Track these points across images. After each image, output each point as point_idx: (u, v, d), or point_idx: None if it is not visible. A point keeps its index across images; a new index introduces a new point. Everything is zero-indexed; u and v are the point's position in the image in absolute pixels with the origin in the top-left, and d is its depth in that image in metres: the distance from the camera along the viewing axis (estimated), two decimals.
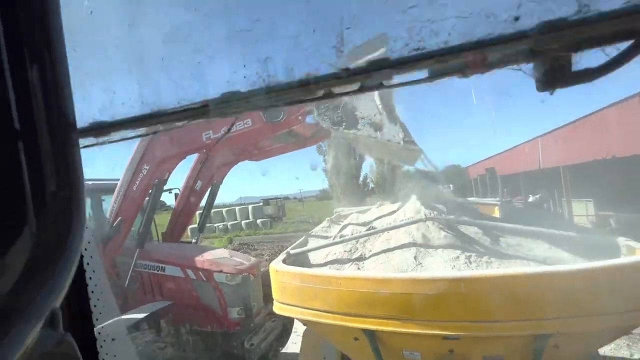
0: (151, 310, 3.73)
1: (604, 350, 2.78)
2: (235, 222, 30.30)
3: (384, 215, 3.38)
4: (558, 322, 1.78)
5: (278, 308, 2.50)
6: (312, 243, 3.39)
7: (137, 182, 4.22)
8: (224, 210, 31.99)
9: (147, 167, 4.19)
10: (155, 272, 4.35)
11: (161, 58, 0.76)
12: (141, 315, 3.56)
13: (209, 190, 5.31)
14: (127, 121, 0.76)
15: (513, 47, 0.53)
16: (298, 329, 6.32)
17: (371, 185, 35.36)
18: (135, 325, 3.58)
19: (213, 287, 4.01)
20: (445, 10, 0.53)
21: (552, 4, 0.48)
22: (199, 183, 5.05)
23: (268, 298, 4.64)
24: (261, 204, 34.28)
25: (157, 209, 5.24)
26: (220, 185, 5.41)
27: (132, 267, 4.34)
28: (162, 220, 5.84)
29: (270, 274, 2.62)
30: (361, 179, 34.87)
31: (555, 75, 0.57)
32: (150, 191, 4.33)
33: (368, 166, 34.98)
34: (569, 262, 2.10)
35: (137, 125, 0.79)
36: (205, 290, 4.07)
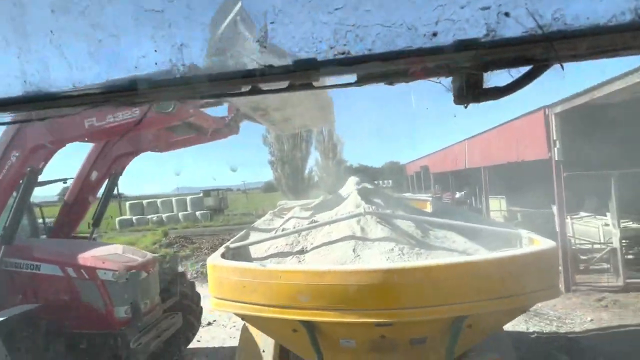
0: (7, 315, 3.36)
1: (506, 327, 3.25)
2: (172, 214, 28.35)
3: (326, 209, 3.46)
4: (472, 305, 2.02)
5: (215, 304, 2.42)
6: (254, 236, 3.33)
7: (4, 171, 3.74)
8: (158, 201, 29.69)
9: (17, 154, 3.72)
10: (28, 270, 3.91)
11: (50, 30, 0.63)
12: None
13: (106, 181, 4.97)
14: (3, 102, 0.63)
15: (432, 61, 0.57)
16: (217, 322, 6.21)
17: (316, 178, 35.94)
18: None
19: (97, 286, 3.78)
20: (370, 17, 0.55)
21: (465, 24, 0.53)
22: (94, 174, 4.71)
23: (167, 294, 4.64)
24: (201, 195, 32.54)
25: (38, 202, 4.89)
26: (120, 177, 5.11)
27: None
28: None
29: (208, 269, 2.51)
30: (306, 172, 35.21)
31: (469, 91, 0.64)
32: (21, 181, 3.84)
33: (314, 160, 35.47)
34: (483, 252, 2.39)
35: (17, 107, 0.66)
36: (88, 290, 3.81)
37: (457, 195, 18.80)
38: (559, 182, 7.39)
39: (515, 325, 5.60)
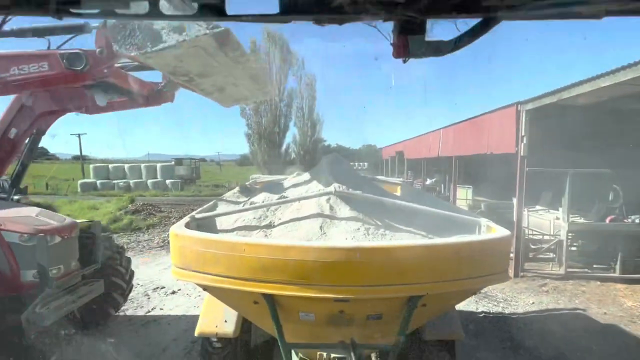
0: None
1: (457, 306, 3.50)
2: (140, 180, 27.28)
3: (298, 185, 3.44)
4: (428, 286, 2.13)
5: (176, 273, 2.38)
6: (222, 208, 3.27)
7: None
8: (126, 166, 28.38)
9: None
10: None
11: None
12: None
13: (28, 139, 4.67)
14: None
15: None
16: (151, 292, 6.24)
17: (293, 155, 35.67)
18: None
19: (1, 247, 3.72)
20: None
21: None
22: (13, 131, 4.38)
23: (91, 260, 4.65)
24: (173, 163, 31.43)
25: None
26: (43, 136, 4.83)
27: None
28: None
29: (170, 238, 2.45)
30: (283, 148, 34.80)
31: (410, 43, 0.60)
32: None
33: (292, 136, 35.02)
34: (444, 237, 2.50)
35: None
36: None
37: (428, 182, 19.44)
38: (521, 176, 7.81)
39: (466, 305, 6.04)
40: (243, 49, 2.57)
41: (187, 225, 2.55)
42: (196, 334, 3.18)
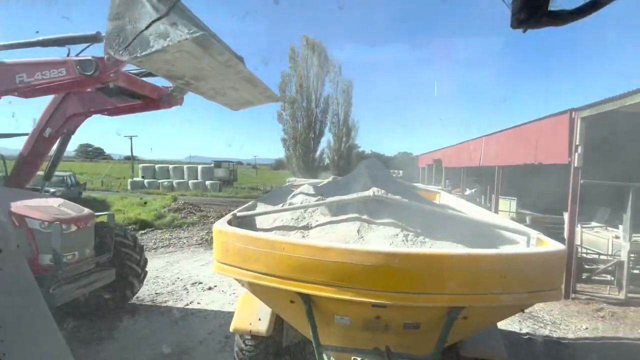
0: None
1: (499, 325, 3.27)
2: (182, 180, 28.88)
3: (335, 189, 3.45)
4: (470, 297, 2.02)
5: (217, 267, 2.48)
6: (260, 208, 3.37)
7: None
8: (170, 167, 30.20)
9: None
10: None
11: None
12: None
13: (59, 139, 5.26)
14: None
15: None
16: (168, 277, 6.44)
17: (326, 160, 35.87)
18: None
19: (25, 232, 4.17)
20: None
21: None
22: (48, 130, 4.97)
23: (104, 249, 5.10)
24: (212, 165, 32.90)
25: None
26: (72, 136, 5.39)
27: None
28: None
29: (214, 234, 2.56)
30: (317, 153, 35.12)
31: (531, 13, 0.57)
32: None
33: (326, 141, 35.27)
34: (490, 247, 2.37)
35: None
36: (19, 235, 4.19)
37: (467, 192, 18.55)
38: (574, 189, 7.20)
39: (507, 324, 5.64)
40: (231, 54, 2.71)
41: (229, 222, 2.66)
42: (231, 329, 3.28)
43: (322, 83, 33.73)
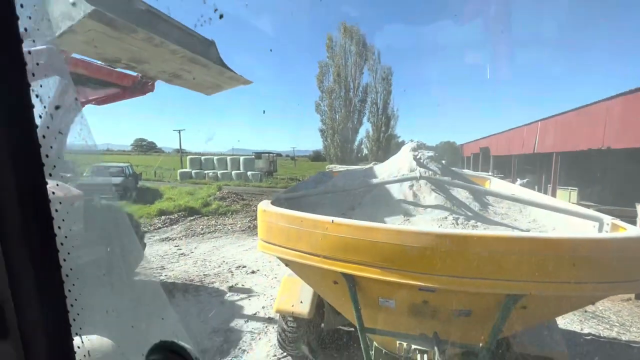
0: None
1: (559, 323, 2.98)
2: (226, 171, 30.25)
3: (377, 172, 3.35)
4: (532, 285, 1.84)
5: (262, 246, 2.53)
6: (303, 191, 3.37)
7: None
8: (215, 158, 31.73)
9: None
10: None
11: None
12: None
13: None
14: None
15: None
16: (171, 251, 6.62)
17: (365, 151, 35.35)
18: None
19: None
20: None
21: None
22: None
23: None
24: (253, 157, 34.02)
25: None
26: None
27: None
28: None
29: (258, 213, 2.61)
30: (356, 143, 34.72)
31: None
32: None
33: (364, 131, 34.69)
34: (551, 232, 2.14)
35: None
36: None
37: (519, 182, 17.22)
38: None
39: (567, 321, 5.17)
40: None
41: (274, 203, 2.68)
42: (274, 310, 3.36)
43: (361, 71, 33.06)
